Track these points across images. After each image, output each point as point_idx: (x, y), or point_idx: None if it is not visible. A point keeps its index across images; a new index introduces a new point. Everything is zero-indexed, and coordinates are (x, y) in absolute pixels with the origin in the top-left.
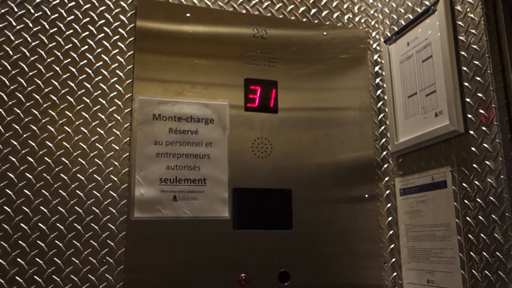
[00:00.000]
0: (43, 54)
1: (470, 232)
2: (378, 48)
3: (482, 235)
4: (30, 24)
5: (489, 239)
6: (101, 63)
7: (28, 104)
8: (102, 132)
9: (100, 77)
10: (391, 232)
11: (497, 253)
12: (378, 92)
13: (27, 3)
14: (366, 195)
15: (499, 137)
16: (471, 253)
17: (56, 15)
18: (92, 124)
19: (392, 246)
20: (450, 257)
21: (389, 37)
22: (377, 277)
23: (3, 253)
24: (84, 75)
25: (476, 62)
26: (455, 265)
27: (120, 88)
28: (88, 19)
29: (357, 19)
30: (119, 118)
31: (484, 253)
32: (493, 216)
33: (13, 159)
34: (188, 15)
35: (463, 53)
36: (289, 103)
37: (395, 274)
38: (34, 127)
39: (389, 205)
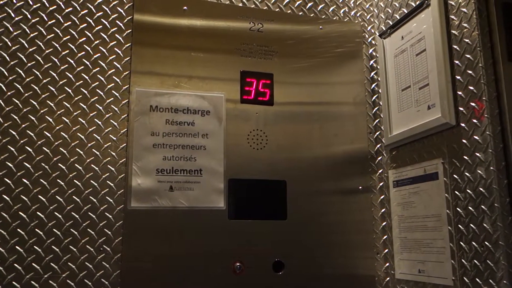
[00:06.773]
0: (41, 45)
1: (460, 222)
2: (373, 42)
3: (471, 225)
4: (29, 16)
5: (478, 229)
6: (98, 54)
7: (26, 94)
8: (99, 123)
9: (98, 68)
10: (384, 223)
11: (486, 242)
12: (373, 85)
13: None
14: (360, 187)
15: (489, 129)
16: (461, 243)
17: (54, 6)
18: (89, 115)
19: (385, 237)
20: (440, 247)
21: (384, 31)
22: (370, 267)
23: (2, 241)
24: (82, 67)
25: (468, 56)
26: (445, 255)
27: (118, 80)
28: (86, 11)
29: (352, 13)
30: (116, 109)
31: (474, 243)
32: (483, 206)
33: (11, 148)
34: (185, 8)
35: (455, 46)
36: (285, 95)
37: (387, 264)
38: (32, 117)
39: (382, 197)
